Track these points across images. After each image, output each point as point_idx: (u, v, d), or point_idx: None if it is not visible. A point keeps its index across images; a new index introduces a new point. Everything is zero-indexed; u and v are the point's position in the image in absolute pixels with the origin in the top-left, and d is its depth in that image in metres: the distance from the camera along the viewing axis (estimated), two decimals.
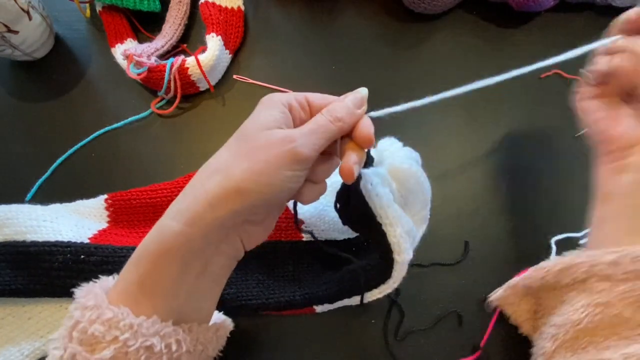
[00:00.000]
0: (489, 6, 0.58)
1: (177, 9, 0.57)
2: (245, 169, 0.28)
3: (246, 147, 0.29)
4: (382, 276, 0.39)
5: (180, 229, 0.27)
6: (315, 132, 0.30)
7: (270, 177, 0.28)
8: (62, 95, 0.56)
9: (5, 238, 0.44)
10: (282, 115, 0.30)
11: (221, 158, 0.30)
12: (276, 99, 0.31)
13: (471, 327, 0.44)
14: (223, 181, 0.28)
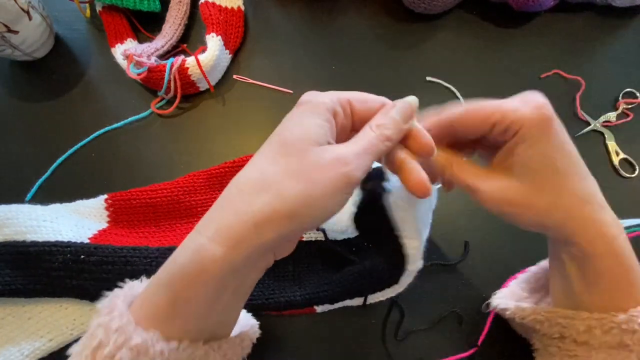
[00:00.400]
0: (489, 6, 0.58)
1: (177, 9, 0.57)
2: (300, 192, 0.24)
3: (297, 165, 0.25)
4: (388, 281, 0.40)
5: (221, 253, 0.24)
6: (368, 153, 0.27)
7: (326, 202, 0.25)
8: (62, 95, 0.56)
9: (5, 238, 0.44)
10: (329, 125, 0.27)
11: (267, 172, 0.25)
12: (321, 103, 0.27)
13: (471, 327, 0.43)
14: (274, 202, 0.24)
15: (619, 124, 0.51)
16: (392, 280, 0.40)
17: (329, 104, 0.27)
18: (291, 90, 0.55)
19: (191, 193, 0.49)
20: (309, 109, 0.27)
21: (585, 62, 0.55)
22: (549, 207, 0.28)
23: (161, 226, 0.48)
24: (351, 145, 0.27)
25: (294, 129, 0.27)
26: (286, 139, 0.26)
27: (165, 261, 0.34)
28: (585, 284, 0.30)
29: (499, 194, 0.29)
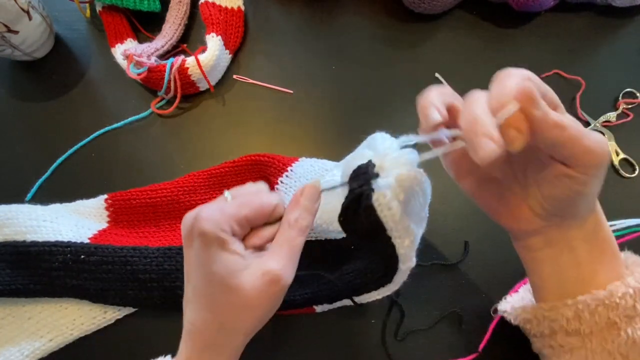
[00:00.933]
0: (489, 6, 0.58)
1: (177, 9, 0.57)
2: (253, 321, 0.30)
3: (239, 302, 0.28)
4: (382, 280, 0.40)
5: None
6: (294, 254, 0.30)
7: (272, 311, 0.30)
8: (62, 95, 0.56)
9: (6, 238, 0.44)
10: (237, 246, 0.29)
11: (217, 318, 0.29)
12: (218, 235, 0.28)
13: (471, 327, 0.43)
14: (237, 340, 0.30)
15: (619, 124, 0.51)
16: (386, 279, 0.39)
17: (223, 228, 0.28)
18: (291, 90, 0.55)
19: (191, 193, 0.49)
20: (213, 238, 0.28)
21: (585, 62, 0.55)
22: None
23: (161, 226, 0.48)
24: (276, 255, 0.29)
25: (214, 266, 0.28)
26: (213, 279, 0.28)
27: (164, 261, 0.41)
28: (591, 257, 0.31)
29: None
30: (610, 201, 0.48)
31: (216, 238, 0.28)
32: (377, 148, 0.36)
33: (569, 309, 0.31)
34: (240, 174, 0.49)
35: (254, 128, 0.53)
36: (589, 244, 0.32)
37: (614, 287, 0.30)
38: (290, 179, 0.47)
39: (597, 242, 0.32)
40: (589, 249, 0.32)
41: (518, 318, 0.36)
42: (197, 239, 0.28)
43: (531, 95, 0.25)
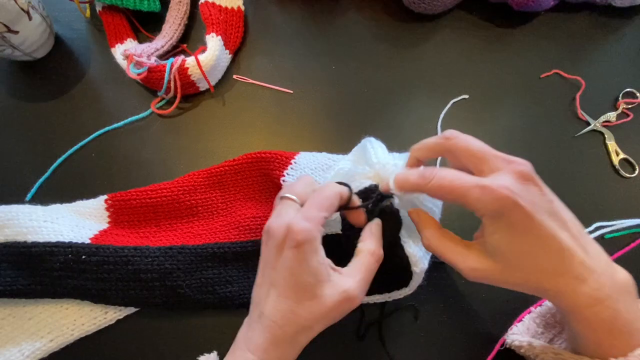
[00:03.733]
0: (489, 6, 0.58)
1: (177, 9, 0.57)
2: (323, 326, 0.33)
3: (317, 309, 0.31)
4: (397, 283, 0.40)
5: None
6: (369, 278, 0.33)
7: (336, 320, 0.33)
8: (62, 95, 0.56)
9: (7, 239, 0.44)
10: (324, 257, 0.32)
11: (296, 314, 0.31)
12: (314, 238, 0.31)
13: (471, 326, 0.44)
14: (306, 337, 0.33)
15: (619, 124, 0.52)
16: (401, 282, 0.40)
17: (316, 236, 0.31)
18: (291, 90, 0.55)
19: (191, 192, 0.49)
20: (308, 248, 0.31)
21: (585, 62, 0.55)
22: (523, 282, 0.31)
23: (162, 226, 0.48)
24: (355, 277, 0.32)
25: (304, 276, 0.31)
26: (301, 286, 0.31)
27: (165, 260, 0.43)
28: (579, 336, 0.31)
29: (475, 273, 0.32)
30: (610, 201, 0.48)
31: (312, 248, 0.31)
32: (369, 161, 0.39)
33: None
34: (241, 172, 0.49)
35: (254, 128, 0.53)
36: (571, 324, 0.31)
37: (634, 357, 0.28)
38: (295, 171, 0.47)
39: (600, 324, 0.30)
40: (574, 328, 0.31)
41: (539, 356, 0.34)
42: (292, 250, 0.31)
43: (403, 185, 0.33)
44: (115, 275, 0.43)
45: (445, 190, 0.31)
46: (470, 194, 0.29)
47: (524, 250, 0.30)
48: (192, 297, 0.43)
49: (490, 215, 0.29)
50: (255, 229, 0.46)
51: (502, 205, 0.28)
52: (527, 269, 0.30)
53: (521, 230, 0.29)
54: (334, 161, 0.48)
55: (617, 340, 0.29)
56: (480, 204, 0.29)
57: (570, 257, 0.29)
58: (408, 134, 0.51)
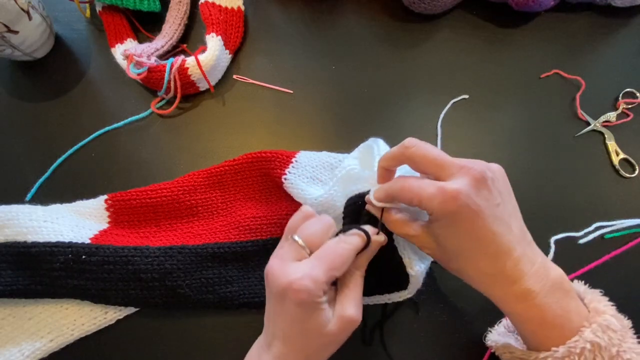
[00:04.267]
0: (489, 6, 0.58)
1: (177, 9, 0.57)
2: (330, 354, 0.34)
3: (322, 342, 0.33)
4: (396, 286, 0.41)
5: None
6: (361, 294, 0.35)
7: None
8: (62, 95, 0.56)
9: (6, 239, 0.44)
10: (328, 305, 0.33)
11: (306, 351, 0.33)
12: (316, 298, 0.31)
13: (471, 326, 0.44)
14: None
15: (619, 124, 0.52)
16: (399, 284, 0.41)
17: (319, 296, 0.32)
18: (291, 90, 0.55)
19: (191, 192, 0.49)
20: (310, 306, 0.32)
21: (585, 62, 0.55)
22: (458, 271, 0.34)
23: (162, 226, 0.48)
24: (350, 299, 0.34)
25: (308, 325, 0.32)
26: (305, 332, 0.32)
27: (165, 260, 0.43)
28: (517, 329, 0.34)
29: (424, 250, 0.35)
30: (610, 201, 0.48)
31: (314, 306, 0.32)
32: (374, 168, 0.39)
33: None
34: (240, 172, 0.49)
35: (254, 128, 0.53)
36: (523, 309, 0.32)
37: (572, 344, 0.30)
38: (297, 169, 0.47)
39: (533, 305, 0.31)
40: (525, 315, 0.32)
41: (502, 356, 0.36)
42: (293, 305, 0.31)
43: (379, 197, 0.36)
44: (115, 275, 0.43)
45: (405, 191, 0.33)
46: (424, 193, 0.31)
47: (463, 247, 0.32)
48: (192, 297, 0.43)
49: (440, 214, 0.31)
50: (255, 229, 0.46)
51: (451, 206, 0.30)
52: (463, 263, 0.33)
53: (464, 231, 0.31)
54: (336, 160, 0.48)
55: (549, 332, 0.31)
56: (431, 202, 0.31)
57: (505, 259, 0.31)
58: (408, 134, 0.50)
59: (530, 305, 0.31)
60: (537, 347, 0.32)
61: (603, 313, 0.31)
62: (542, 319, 0.31)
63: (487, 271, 0.32)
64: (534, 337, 0.32)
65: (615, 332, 0.30)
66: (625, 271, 0.45)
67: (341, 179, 0.42)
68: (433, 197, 0.31)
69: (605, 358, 0.29)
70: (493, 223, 0.31)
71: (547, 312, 0.31)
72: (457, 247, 0.32)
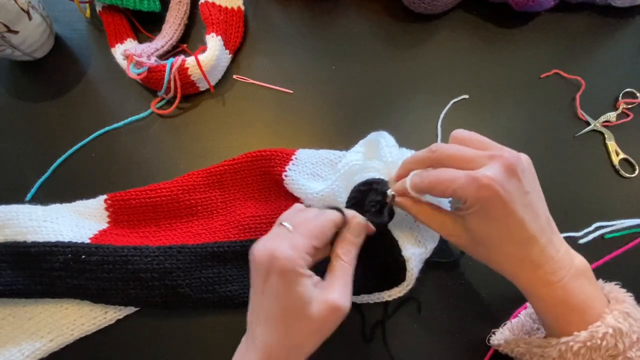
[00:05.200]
0: (489, 6, 0.58)
1: (177, 9, 0.57)
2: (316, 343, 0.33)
3: (307, 329, 0.32)
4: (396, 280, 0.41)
5: None
6: (348, 282, 0.34)
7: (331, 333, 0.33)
8: (62, 95, 0.56)
9: (6, 239, 0.44)
10: (308, 276, 0.33)
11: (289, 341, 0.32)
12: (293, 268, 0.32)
13: (471, 326, 0.44)
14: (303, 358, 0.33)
15: (619, 124, 0.52)
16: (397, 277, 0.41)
17: (300, 264, 0.32)
18: (291, 90, 0.55)
19: (191, 192, 0.49)
20: (292, 275, 0.31)
21: (585, 62, 0.55)
22: (485, 259, 0.35)
23: (161, 225, 0.48)
24: (335, 286, 0.33)
25: (291, 301, 0.32)
26: (288, 311, 0.32)
27: (165, 260, 0.43)
28: (540, 315, 0.35)
29: (451, 238, 0.37)
30: (610, 201, 0.48)
31: (295, 275, 0.31)
32: (383, 158, 0.41)
33: (553, 349, 0.32)
34: (240, 171, 0.49)
35: (254, 128, 0.53)
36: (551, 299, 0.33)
37: (594, 329, 0.30)
38: (297, 166, 0.47)
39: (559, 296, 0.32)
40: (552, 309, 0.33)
41: (514, 351, 0.37)
42: (276, 276, 0.32)
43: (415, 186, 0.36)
44: (115, 274, 0.43)
45: (438, 182, 0.34)
46: (457, 182, 0.32)
47: (492, 234, 0.33)
48: (192, 297, 0.43)
49: (473, 201, 0.32)
50: (255, 228, 0.46)
51: (484, 193, 0.31)
52: (492, 249, 0.34)
53: (495, 218, 0.32)
54: (336, 156, 0.49)
55: (572, 316, 0.32)
56: (465, 191, 0.32)
57: (532, 245, 0.33)
58: (408, 134, 0.51)
59: (555, 288, 0.32)
60: (558, 334, 0.33)
61: (623, 302, 0.32)
62: (565, 303, 0.32)
63: (515, 256, 0.33)
64: (557, 323, 0.33)
65: (635, 320, 0.31)
66: (626, 271, 0.45)
67: (343, 175, 0.43)
68: (467, 186, 0.32)
69: (626, 344, 0.30)
70: (522, 210, 0.32)
71: (571, 296, 0.32)
72: (487, 234, 0.33)
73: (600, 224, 0.46)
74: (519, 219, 0.32)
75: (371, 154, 0.43)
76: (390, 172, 0.40)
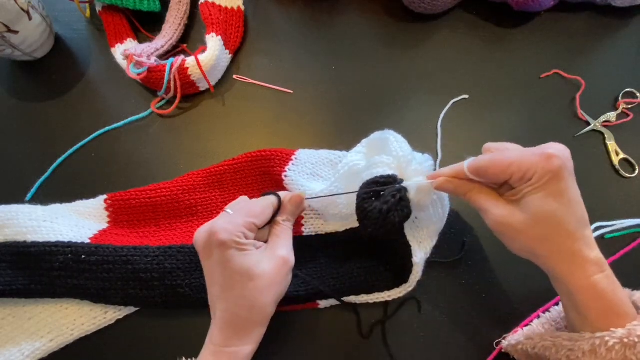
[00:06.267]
0: (489, 6, 0.58)
1: (177, 9, 0.57)
2: (274, 299, 0.36)
3: (260, 284, 0.35)
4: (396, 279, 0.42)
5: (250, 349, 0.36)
6: (290, 241, 0.38)
7: (287, 287, 0.37)
8: (62, 95, 0.56)
9: (6, 239, 0.44)
10: (251, 247, 0.36)
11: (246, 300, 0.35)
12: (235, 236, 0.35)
13: (472, 327, 0.44)
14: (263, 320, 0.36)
15: (619, 124, 0.52)
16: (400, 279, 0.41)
17: (237, 235, 0.35)
18: (291, 90, 0.55)
19: (190, 192, 0.49)
20: (231, 247, 0.35)
21: (585, 62, 0.55)
22: (542, 238, 0.34)
23: (161, 225, 0.48)
24: (279, 244, 0.37)
25: (236, 269, 0.35)
26: (237, 276, 0.35)
27: (165, 260, 0.44)
28: (577, 314, 0.34)
29: (504, 218, 0.35)
30: (610, 201, 0.48)
31: (233, 243, 0.34)
32: (394, 153, 0.41)
33: (586, 343, 0.32)
34: (240, 171, 0.49)
35: (254, 128, 0.53)
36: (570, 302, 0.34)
37: (632, 327, 0.30)
38: (297, 166, 0.48)
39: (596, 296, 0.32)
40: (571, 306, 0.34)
41: (537, 345, 0.36)
42: (217, 249, 0.35)
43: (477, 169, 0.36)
44: (115, 274, 0.43)
45: (501, 159, 0.34)
46: (525, 157, 0.33)
47: (556, 210, 0.33)
48: (192, 297, 0.43)
49: (540, 175, 0.33)
50: None
51: (552, 165, 0.32)
52: (553, 226, 0.33)
53: (560, 192, 0.33)
54: (336, 156, 0.49)
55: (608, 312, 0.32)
56: (533, 164, 0.33)
57: (585, 228, 0.33)
58: (408, 134, 0.51)
59: (596, 282, 0.32)
60: (589, 329, 0.32)
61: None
62: (603, 298, 0.32)
63: (572, 235, 0.33)
64: (589, 317, 0.32)
65: None
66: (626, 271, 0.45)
67: (343, 175, 0.43)
68: (535, 159, 0.33)
69: None
70: (578, 190, 0.34)
71: (608, 293, 0.32)
72: (551, 210, 0.33)
73: (600, 224, 0.46)
74: (578, 196, 0.33)
75: (374, 153, 0.43)
76: (401, 167, 0.40)
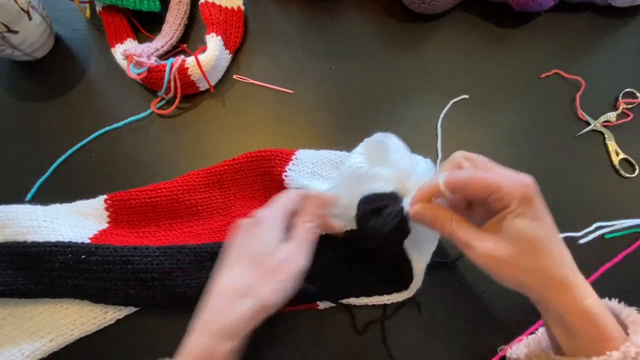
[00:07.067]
0: (489, 6, 0.58)
1: (177, 9, 0.57)
2: (272, 290, 0.35)
3: (264, 269, 0.35)
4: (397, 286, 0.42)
5: (231, 346, 0.34)
6: (310, 246, 0.38)
7: (288, 290, 0.36)
8: (62, 95, 0.56)
9: (6, 239, 0.44)
10: (280, 231, 0.37)
11: (244, 279, 0.35)
12: (273, 220, 0.37)
13: (472, 329, 0.44)
14: (255, 302, 0.34)
15: (619, 124, 0.52)
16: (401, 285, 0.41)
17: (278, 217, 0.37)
18: (291, 90, 0.55)
19: (190, 192, 0.49)
20: (267, 224, 0.37)
21: (585, 62, 0.55)
22: (531, 268, 0.32)
23: (161, 225, 0.48)
24: (293, 244, 0.37)
25: (257, 243, 0.36)
26: (252, 250, 0.36)
27: (165, 260, 0.44)
28: (568, 338, 0.33)
29: (489, 252, 0.33)
30: (610, 201, 0.48)
31: (269, 226, 0.36)
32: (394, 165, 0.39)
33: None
34: (240, 171, 0.49)
35: (254, 128, 0.53)
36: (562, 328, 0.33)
37: (626, 349, 0.30)
38: (297, 166, 0.48)
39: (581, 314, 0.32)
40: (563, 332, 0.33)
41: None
42: (254, 226, 0.37)
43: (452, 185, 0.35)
44: (114, 274, 0.43)
45: (481, 178, 0.33)
46: (504, 180, 0.33)
47: (542, 234, 0.32)
48: (192, 297, 0.43)
49: (521, 199, 0.32)
50: None
51: (530, 191, 0.32)
52: (539, 254, 0.32)
53: (541, 216, 0.32)
54: (336, 156, 0.49)
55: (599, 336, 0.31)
56: (511, 188, 0.32)
57: (566, 249, 0.33)
58: (408, 134, 0.51)
59: (585, 306, 0.31)
60: (577, 353, 0.32)
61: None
62: (592, 322, 0.31)
63: (559, 258, 0.32)
64: (589, 342, 0.31)
65: None
66: (626, 272, 0.45)
67: (346, 178, 0.42)
68: (512, 184, 0.32)
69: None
70: (551, 216, 0.33)
71: (597, 315, 0.31)
72: (537, 234, 0.32)
73: (600, 224, 0.46)
74: (552, 222, 0.33)
75: (375, 156, 0.42)
76: (401, 181, 0.39)
